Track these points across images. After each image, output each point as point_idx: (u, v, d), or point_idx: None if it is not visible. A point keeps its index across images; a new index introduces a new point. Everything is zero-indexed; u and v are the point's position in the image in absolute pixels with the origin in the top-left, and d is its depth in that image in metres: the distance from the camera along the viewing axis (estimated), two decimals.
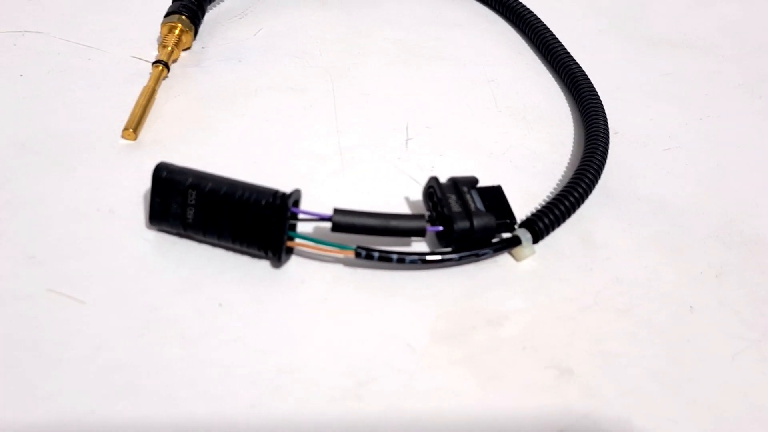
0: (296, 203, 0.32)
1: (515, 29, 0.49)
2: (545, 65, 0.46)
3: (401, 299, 0.32)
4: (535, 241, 0.34)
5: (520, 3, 0.49)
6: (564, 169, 0.39)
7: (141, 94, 0.39)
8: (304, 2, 0.49)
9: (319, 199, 0.35)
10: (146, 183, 0.33)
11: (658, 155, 0.41)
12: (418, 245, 0.34)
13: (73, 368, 0.28)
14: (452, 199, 0.33)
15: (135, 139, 0.38)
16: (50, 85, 0.41)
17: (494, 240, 0.34)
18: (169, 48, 0.42)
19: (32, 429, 0.26)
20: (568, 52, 0.45)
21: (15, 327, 0.29)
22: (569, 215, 0.35)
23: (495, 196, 0.35)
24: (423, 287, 0.33)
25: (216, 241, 0.33)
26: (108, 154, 0.37)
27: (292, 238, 0.32)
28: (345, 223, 0.32)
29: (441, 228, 0.33)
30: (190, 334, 0.30)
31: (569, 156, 0.40)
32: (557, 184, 0.38)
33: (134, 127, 0.38)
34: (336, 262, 0.33)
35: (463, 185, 0.34)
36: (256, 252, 0.33)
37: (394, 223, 0.32)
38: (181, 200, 0.32)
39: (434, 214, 0.34)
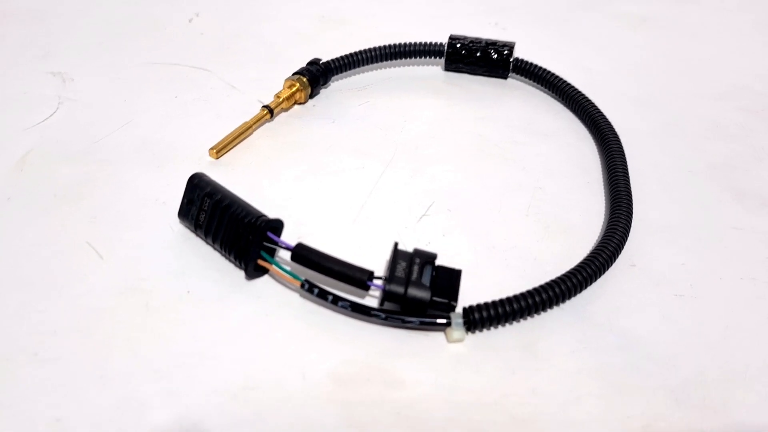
0: (276, 230, 0.38)
1: (599, 149, 0.49)
2: (606, 188, 0.46)
3: (324, 336, 0.36)
4: (469, 329, 0.35)
5: (608, 125, 0.49)
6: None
7: (238, 127, 0.49)
8: (420, 89, 0.56)
9: (317, 241, 0.40)
10: None
11: (665, 298, 0.38)
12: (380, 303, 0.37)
13: (64, 300, 0.37)
14: (401, 265, 0.36)
15: (216, 158, 0.47)
16: (191, 107, 0.52)
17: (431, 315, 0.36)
18: (281, 99, 0.51)
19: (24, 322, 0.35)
20: (626, 176, 0.45)
21: (46, 259, 0.39)
22: (515, 318, 0.36)
23: (450, 277, 0.37)
24: (350, 333, 0.36)
25: (212, 245, 0.40)
26: (192, 164, 0.47)
27: (264, 258, 0.38)
28: (302, 255, 0.37)
29: (383, 287, 0.36)
30: (153, 305, 0.37)
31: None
32: None
33: (218, 149, 0.47)
34: (294, 291, 0.38)
35: (418, 257, 0.37)
36: (234, 261, 0.39)
37: (338, 268, 0.36)
38: (199, 204, 0.40)
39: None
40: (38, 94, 0.53)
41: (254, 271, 0.38)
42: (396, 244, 0.37)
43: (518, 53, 0.59)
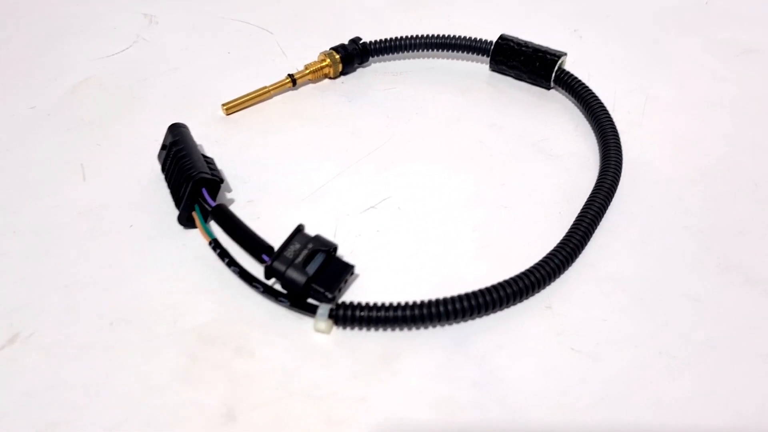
0: (211, 187, 0.41)
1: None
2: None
3: (214, 294, 0.38)
4: (337, 323, 0.36)
5: (616, 159, 0.45)
6: None
7: (256, 89, 0.52)
8: (454, 84, 0.54)
9: (263, 208, 0.43)
10: (198, 135, 0.46)
11: (559, 349, 0.35)
12: None
13: (37, 207, 0.43)
14: (294, 247, 0.37)
15: (226, 114, 0.51)
16: (236, 64, 0.57)
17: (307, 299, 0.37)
18: (306, 71, 0.53)
19: None
20: (594, 218, 0.41)
21: (43, 170, 0.45)
22: (383, 325, 0.36)
23: (338, 270, 0.37)
24: (236, 297, 0.38)
25: (167, 186, 0.44)
26: (204, 115, 0.51)
27: (195, 211, 0.41)
28: (218, 215, 0.40)
29: (268, 262, 0.37)
30: (99, 230, 0.42)
31: None
32: None
33: (228, 106, 0.51)
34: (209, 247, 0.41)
35: (313, 243, 0.37)
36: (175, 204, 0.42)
37: (242, 236, 0.39)
38: (167, 149, 0.44)
39: None
40: (123, 31, 0.61)
41: (187, 221, 0.42)
42: (299, 227, 0.38)
43: (586, 67, 0.55)
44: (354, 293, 0.38)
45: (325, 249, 0.37)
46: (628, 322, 0.37)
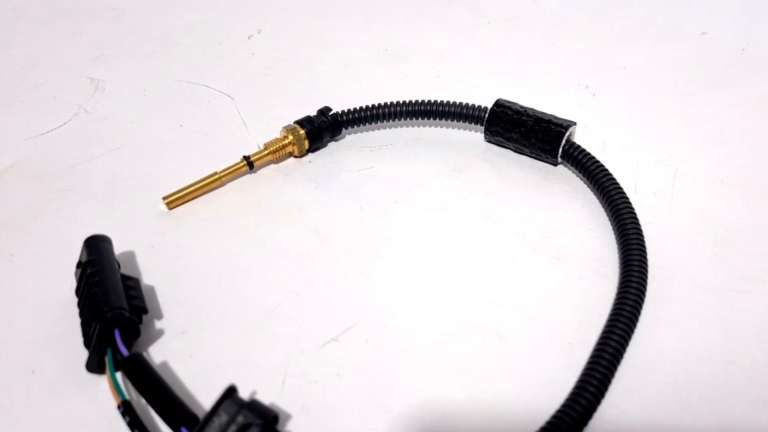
0: (133, 331, 0.33)
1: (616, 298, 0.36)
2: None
3: None
4: None
5: (639, 262, 0.36)
6: None
7: (205, 177, 0.43)
8: (444, 161, 0.46)
9: (197, 341, 0.35)
10: (132, 238, 0.40)
11: None
12: None
13: None
14: (220, 419, 0.29)
15: (168, 209, 0.43)
16: (186, 141, 0.49)
17: None
18: (265, 152, 0.45)
19: None
20: (610, 358, 0.32)
21: None
22: None
23: None
24: None
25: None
26: (142, 211, 0.43)
27: (107, 356, 0.32)
28: (130, 370, 0.31)
29: None
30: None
31: None
32: None
33: (170, 200, 0.42)
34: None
35: (244, 415, 0.29)
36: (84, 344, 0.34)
37: (159, 401, 0.30)
38: (82, 268, 0.36)
39: None
40: (64, 100, 0.53)
41: (98, 367, 0.33)
42: (228, 389, 0.30)
43: (600, 134, 0.47)
44: None
45: (259, 423, 0.29)
46: None
